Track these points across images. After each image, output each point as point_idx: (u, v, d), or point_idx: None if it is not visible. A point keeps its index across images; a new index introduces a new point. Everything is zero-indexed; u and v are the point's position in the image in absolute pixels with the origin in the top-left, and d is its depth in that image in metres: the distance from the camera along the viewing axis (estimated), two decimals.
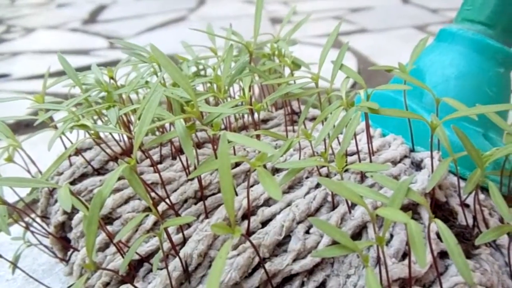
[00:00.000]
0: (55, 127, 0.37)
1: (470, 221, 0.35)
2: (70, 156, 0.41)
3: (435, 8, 1.50)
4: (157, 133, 0.42)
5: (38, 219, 0.44)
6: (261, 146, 0.26)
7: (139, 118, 0.31)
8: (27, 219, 0.48)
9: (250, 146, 0.27)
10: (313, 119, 0.48)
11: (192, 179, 0.37)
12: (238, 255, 0.31)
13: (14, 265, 0.39)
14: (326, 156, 0.32)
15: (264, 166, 0.36)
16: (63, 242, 0.39)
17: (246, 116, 0.45)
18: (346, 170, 0.36)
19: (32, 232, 0.40)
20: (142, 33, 1.43)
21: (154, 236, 0.34)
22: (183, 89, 0.30)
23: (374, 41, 1.18)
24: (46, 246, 0.43)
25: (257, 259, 0.31)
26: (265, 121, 0.47)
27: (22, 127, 0.78)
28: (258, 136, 0.37)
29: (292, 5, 1.66)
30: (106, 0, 2.07)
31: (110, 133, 0.37)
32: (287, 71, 0.46)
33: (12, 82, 1.06)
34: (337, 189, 0.25)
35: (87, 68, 1.10)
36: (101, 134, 0.41)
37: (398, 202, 0.25)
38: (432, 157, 0.35)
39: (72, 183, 0.39)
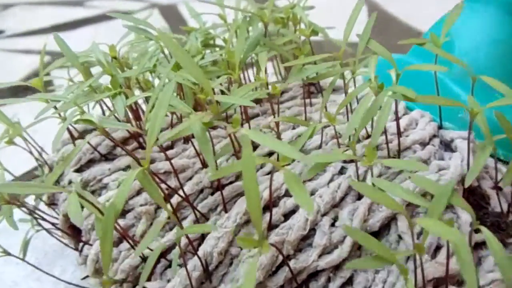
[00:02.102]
0: (59, 115, 0.35)
1: (505, 206, 0.33)
2: (74, 139, 0.39)
3: None
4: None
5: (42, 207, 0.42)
6: (286, 150, 0.23)
7: (150, 110, 0.28)
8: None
9: (274, 149, 0.24)
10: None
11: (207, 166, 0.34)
12: (261, 254, 0.29)
13: (24, 253, 0.38)
14: (354, 147, 0.29)
15: None
16: (73, 233, 0.37)
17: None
18: None
19: (38, 222, 0.38)
20: None
21: (171, 230, 0.32)
22: (196, 80, 0.27)
23: None
24: (56, 228, 0.41)
25: (281, 257, 0.29)
26: (280, 93, 0.44)
27: (21, 89, 0.75)
28: (277, 123, 0.35)
29: None
30: None
31: (116, 117, 0.34)
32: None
33: (6, 39, 1.01)
34: (376, 197, 0.23)
35: (83, 21, 1.05)
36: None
37: (439, 210, 0.23)
38: (469, 142, 0.32)
39: (79, 169, 0.37)
